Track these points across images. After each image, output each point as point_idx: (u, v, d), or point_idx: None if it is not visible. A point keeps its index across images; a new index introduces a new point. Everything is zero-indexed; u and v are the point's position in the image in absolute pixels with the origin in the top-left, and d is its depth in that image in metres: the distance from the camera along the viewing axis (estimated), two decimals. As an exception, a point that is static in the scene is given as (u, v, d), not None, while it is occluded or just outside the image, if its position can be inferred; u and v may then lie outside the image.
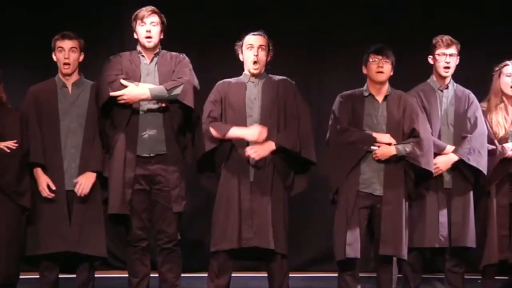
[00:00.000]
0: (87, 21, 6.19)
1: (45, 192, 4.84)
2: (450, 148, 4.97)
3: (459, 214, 4.95)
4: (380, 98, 4.90)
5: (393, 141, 4.80)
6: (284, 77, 4.96)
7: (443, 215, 4.95)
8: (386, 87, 4.91)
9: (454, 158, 4.88)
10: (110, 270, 6.20)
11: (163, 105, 4.79)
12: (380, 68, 4.85)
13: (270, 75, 4.95)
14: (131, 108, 4.78)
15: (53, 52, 5.01)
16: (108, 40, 6.36)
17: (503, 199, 5.05)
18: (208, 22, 6.27)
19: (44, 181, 4.86)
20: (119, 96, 4.73)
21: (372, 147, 4.78)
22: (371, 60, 4.86)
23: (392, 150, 4.78)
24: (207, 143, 4.75)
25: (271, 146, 4.75)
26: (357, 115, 4.85)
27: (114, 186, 4.78)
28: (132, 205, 4.80)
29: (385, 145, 4.78)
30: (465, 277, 5.13)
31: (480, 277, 5.22)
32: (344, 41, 5.17)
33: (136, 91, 4.73)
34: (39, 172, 4.88)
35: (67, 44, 4.95)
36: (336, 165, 4.82)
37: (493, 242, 5.00)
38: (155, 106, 4.81)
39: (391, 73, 4.89)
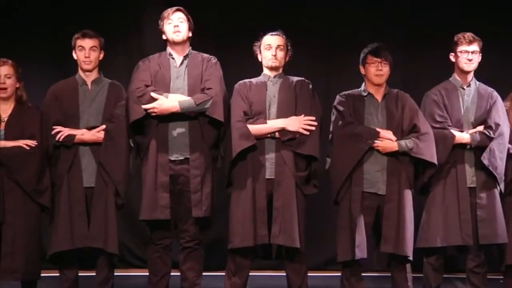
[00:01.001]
0: (105, 19, 6.22)
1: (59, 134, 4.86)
2: (465, 135, 4.96)
3: (485, 211, 4.94)
4: (379, 97, 4.94)
5: (395, 138, 4.82)
6: (302, 78, 5.01)
7: (465, 212, 4.94)
8: (384, 86, 4.95)
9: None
10: (130, 268, 6.23)
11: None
12: (379, 71, 4.90)
13: (288, 76, 5.01)
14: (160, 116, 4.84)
15: (73, 51, 5.06)
16: (126, 39, 6.37)
17: None
18: (225, 22, 6.29)
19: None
20: (150, 109, 4.78)
21: (376, 143, 4.79)
22: (369, 62, 4.90)
23: (394, 145, 4.81)
24: (244, 141, 4.77)
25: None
26: (358, 114, 4.89)
27: (148, 191, 4.83)
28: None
29: (388, 140, 4.80)
30: (488, 277, 5.11)
31: (502, 277, 5.21)
32: (363, 40, 5.13)
33: (166, 104, 4.78)
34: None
35: (87, 43, 5.00)
36: (340, 160, 4.83)
37: None
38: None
39: (389, 74, 4.92)
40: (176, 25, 4.89)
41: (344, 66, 6.00)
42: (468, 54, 5.03)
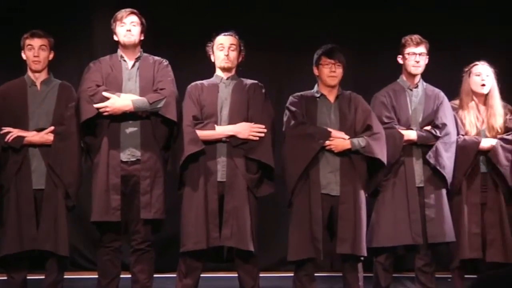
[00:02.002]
0: (55, 19, 6.18)
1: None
2: (412, 132, 5.05)
3: (433, 210, 5.02)
4: (332, 99, 5.00)
5: (347, 137, 4.88)
6: (255, 81, 5.04)
7: (414, 212, 5.01)
8: (337, 87, 5.01)
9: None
10: (80, 271, 6.18)
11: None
12: (333, 72, 4.95)
13: (242, 79, 5.04)
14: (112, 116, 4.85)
15: (22, 51, 5.04)
16: (76, 39, 6.33)
17: (475, 197, 5.14)
18: (178, 23, 6.29)
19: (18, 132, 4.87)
20: (102, 108, 4.77)
21: (327, 142, 4.84)
22: (323, 63, 4.96)
23: (347, 143, 4.87)
24: (192, 146, 4.79)
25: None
26: (311, 115, 4.94)
27: (99, 193, 4.83)
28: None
29: (340, 139, 4.86)
30: (436, 276, 5.20)
31: (450, 276, 5.32)
32: (316, 42, 5.18)
33: (119, 102, 4.79)
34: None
35: (36, 42, 5.00)
36: (292, 160, 4.86)
37: (464, 240, 5.08)
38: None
39: (342, 75, 4.98)
40: (128, 29, 4.92)
41: (297, 68, 6.03)
42: (416, 56, 5.12)
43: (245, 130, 4.85)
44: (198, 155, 4.85)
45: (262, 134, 4.88)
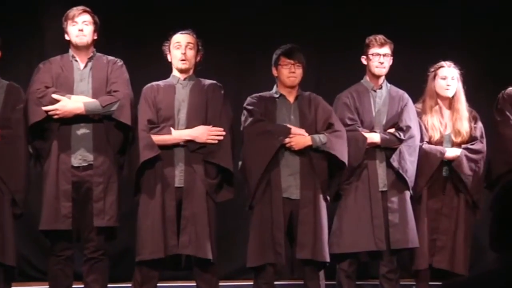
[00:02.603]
0: (3, 18, 6.02)
1: None
2: (375, 135, 5.03)
3: (397, 215, 5.00)
4: (291, 99, 4.97)
5: (307, 134, 4.85)
6: (214, 82, 4.98)
7: (378, 217, 4.98)
8: (297, 88, 4.98)
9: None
10: (29, 281, 6.04)
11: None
12: (292, 73, 4.91)
13: (200, 79, 4.96)
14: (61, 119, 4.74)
15: (-33, 51, 4.86)
16: (26, 38, 6.17)
17: (436, 203, 5.13)
18: (133, 22, 6.19)
19: None
20: (52, 111, 4.66)
21: (287, 139, 4.78)
22: (282, 63, 4.91)
23: (307, 139, 4.82)
24: (147, 151, 4.71)
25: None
26: (270, 115, 4.90)
27: (48, 199, 4.72)
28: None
29: (301, 136, 4.81)
30: (401, 283, 5.18)
31: (414, 282, 5.29)
32: (276, 41, 5.13)
33: (69, 105, 4.68)
34: None
35: (-19, 41, 4.83)
36: (252, 159, 4.81)
37: (423, 246, 5.07)
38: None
39: (303, 76, 4.95)
40: (80, 28, 4.81)
41: (257, 68, 5.98)
42: (380, 57, 5.09)
43: (203, 134, 4.77)
44: (155, 160, 4.76)
45: (221, 138, 4.80)
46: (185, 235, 4.73)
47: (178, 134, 4.78)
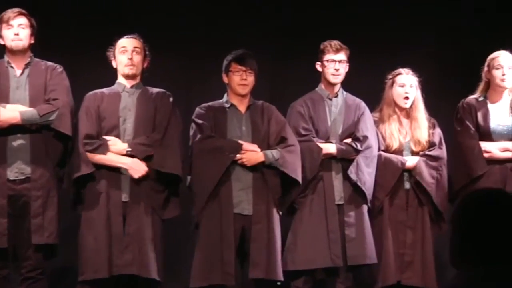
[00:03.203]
0: None
1: None
2: (331, 146, 4.97)
3: (354, 230, 4.93)
4: (242, 109, 4.89)
5: (259, 150, 4.78)
6: (162, 90, 4.88)
7: (334, 231, 4.89)
8: (248, 96, 4.90)
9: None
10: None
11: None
12: (244, 80, 4.83)
13: (148, 87, 4.87)
14: None
15: None
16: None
17: (398, 215, 5.05)
18: (76, 25, 6.01)
19: None
20: None
21: (238, 156, 4.72)
22: (233, 70, 4.84)
23: (260, 156, 4.75)
24: (83, 167, 4.60)
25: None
26: (220, 127, 4.82)
27: None
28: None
29: (253, 152, 4.75)
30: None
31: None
32: (227, 47, 5.06)
33: (4, 115, 4.55)
34: None
35: None
36: (201, 176, 4.74)
37: (390, 261, 4.99)
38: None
39: (255, 83, 4.88)
40: (16, 32, 4.65)
41: (207, 75, 5.85)
42: (335, 63, 5.01)
43: (138, 170, 4.63)
44: (99, 172, 4.64)
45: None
46: (129, 253, 4.60)
47: (113, 159, 4.65)
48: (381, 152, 5.03)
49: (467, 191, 4.74)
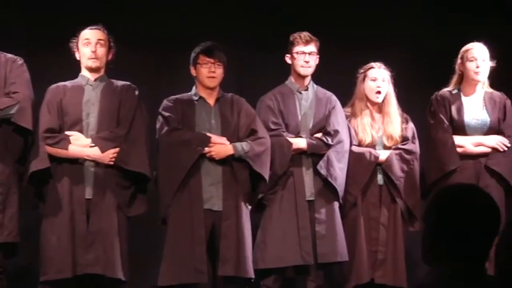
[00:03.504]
0: None
1: None
2: (302, 140, 4.92)
3: (324, 226, 4.88)
4: (211, 102, 4.84)
5: (228, 142, 4.74)
6: (127, 83, 4.83)
7: (304, 228, 4.84)
8: (217, 89, 4.85)
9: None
10: None
11: None
12: (212, 73, 4.78)
13: (112, 80, 4.81)
14: None
15: None
16: None
17: (372, 211, 5.00)
18: (37, 16, 5.92)
19: None
20: None
21: (207, 149, 4.67)
22: (201, 62, 4.79)
23: (229, 148, 4.70)
24: (37, 162, 4.53)
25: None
26: (188, 120, 4.77)
27: None
28: None
29: (221, 144, 4.71)
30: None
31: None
32: (196, 39, 5.00)
33: None
34: None
35: None
36: (167, 171, 4.69)
37: (363, 258, 4.94)
38: None
39: (223, 76, 4.83)
40: None
41: (174, 68, 5.77)
42: (305, 55, 4.97)
43: (105, 156, 4.58)
44: (62, 168, 4.57)
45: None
46: (92, 252, 4.54)
47: (77, 151, 4.59)
48: (354, 147, 5.01)
49: (440, 186, 4.78)
